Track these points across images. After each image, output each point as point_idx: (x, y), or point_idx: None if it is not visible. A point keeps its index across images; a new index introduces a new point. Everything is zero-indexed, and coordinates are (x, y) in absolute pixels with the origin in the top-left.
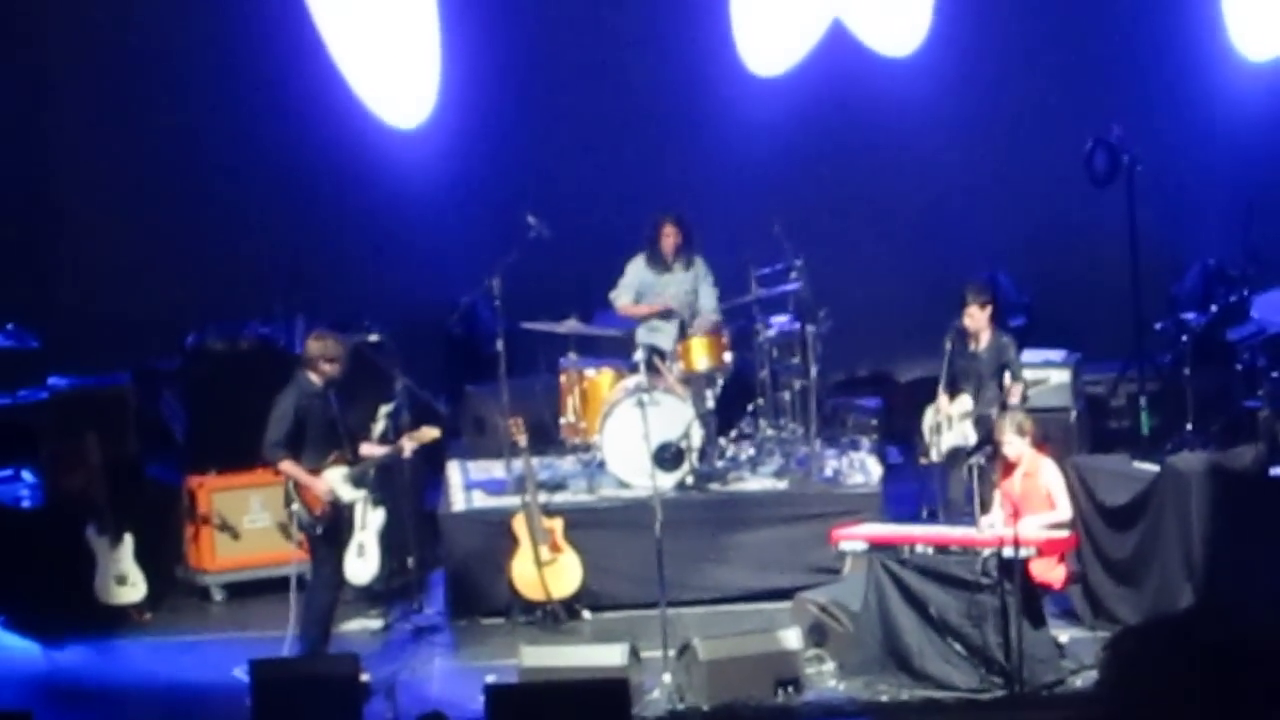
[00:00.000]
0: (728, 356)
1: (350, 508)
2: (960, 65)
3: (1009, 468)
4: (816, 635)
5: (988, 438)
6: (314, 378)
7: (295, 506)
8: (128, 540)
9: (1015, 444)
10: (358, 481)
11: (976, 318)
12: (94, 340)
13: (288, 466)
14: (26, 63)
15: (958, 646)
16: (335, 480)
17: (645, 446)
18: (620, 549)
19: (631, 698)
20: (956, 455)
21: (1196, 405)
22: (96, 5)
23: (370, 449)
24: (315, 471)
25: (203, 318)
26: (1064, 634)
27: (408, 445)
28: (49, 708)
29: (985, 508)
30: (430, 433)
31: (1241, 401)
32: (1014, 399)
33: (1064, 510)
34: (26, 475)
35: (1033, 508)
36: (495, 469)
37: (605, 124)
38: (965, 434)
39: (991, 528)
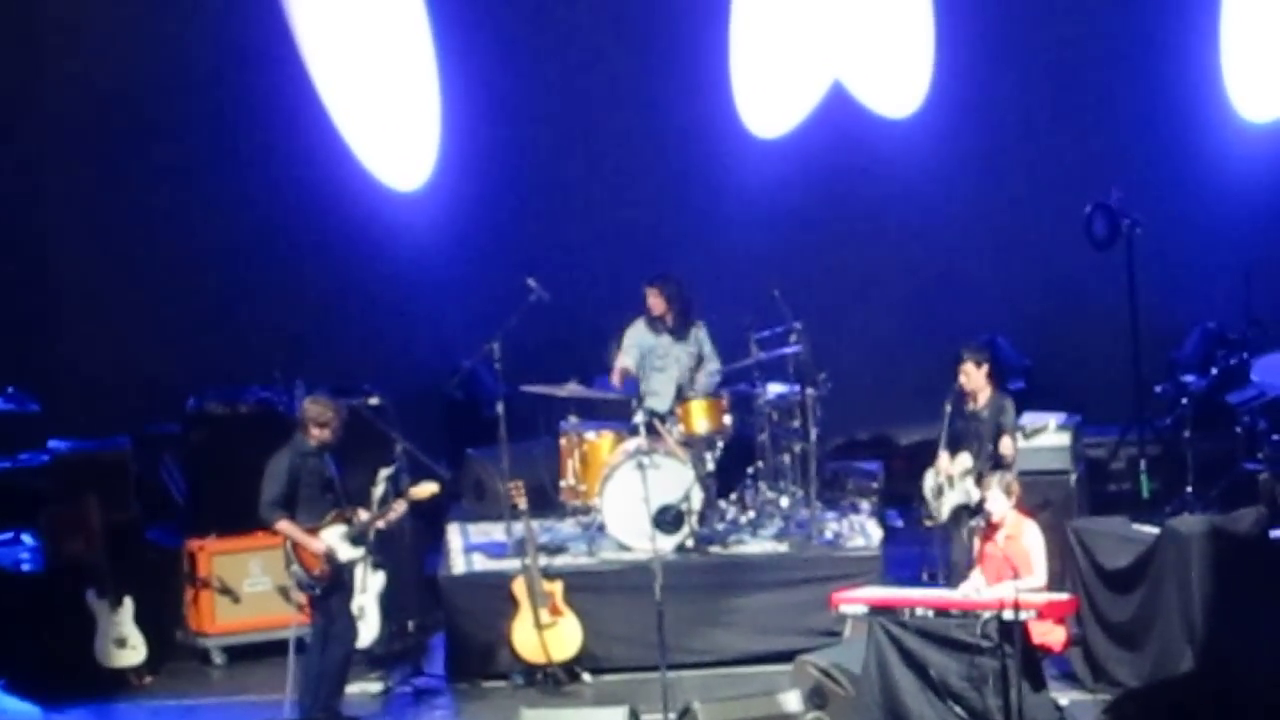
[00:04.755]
0: (727, 419)
1: (351, 566)
2: (960, 127)
3: (993, 528)
4: (817, 698)
5: None
6: (308, 438)
7: (294, 568)
8: (128, 603)
9: (999, 504)
10: (356, 540)
11: (973, 376)
12: (94, 404)
13: (285, 526)
14: (26, 126)
15: (958, 709)
16: (333, 539)
17: (645, 509)
18: (620, 612)
19: None
20: (960, 515)
21: (1197, 468)
22: (95, 70)
23: (364, 514)
24: (313, 531)
25: (202, 382)
26: (1064, 697)
27: (400, 506)
28: None
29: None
30: (427, 489)
31: (1242, 464)
32: (1005, 451)
33: (1039, 576)
34: (27, 539)
35: (1016, 570)
36: (495, 532)
37: (605, 186)
38: (968, 491)
39: (978, 592)
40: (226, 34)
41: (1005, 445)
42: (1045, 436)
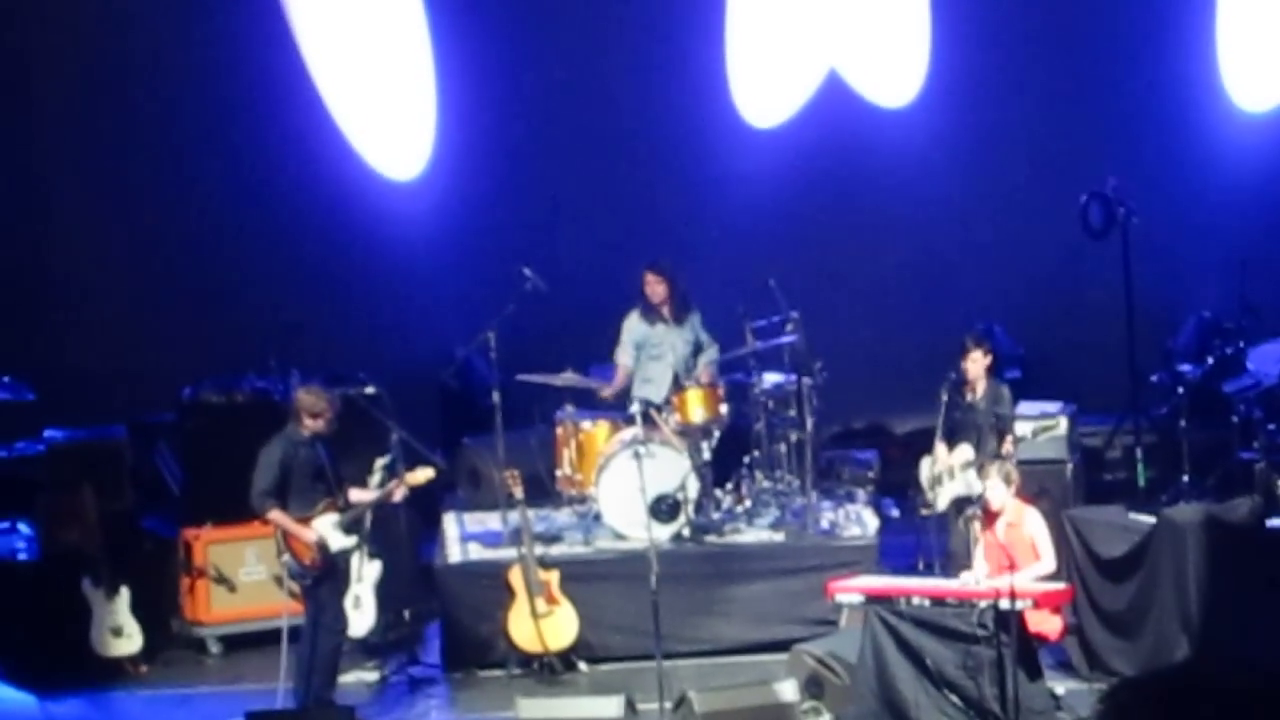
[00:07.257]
0: (724, 409)
1: (345, 555)
2: (956, 117)
3: (992, 517)
4: (813, 687)
5: None
6: (301, 428)
7: (286, 557)
8: (124, 592)
9: (999, 492)
10: (349, 528)
11: (979, 363)
12: (90, 393)
13: (276, 516)
14: (22, 116)
15: (954, 698)
16: (325, 528)
17: (641, 498)
18: (616, 601)
19: None
20: (961, 506)
21: (1192, 457)
22: (92, 59)
23: (361, 494)
24: (305, 520)
25: (198, 371)
26: (1060, 686)
27: (399, 491)
28: None
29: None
30: (423, 474)
31: (1237, 454)
32: (1005, 449)
33: (1049, 561)
34: (23, 528)
35: (1018, 558)
36: (491, 521)
37: (601, 176)
38: (969, 483)
39: (978, 583)
40: (222, 22)
41: (1007, 446)
42: (1051, 417)
